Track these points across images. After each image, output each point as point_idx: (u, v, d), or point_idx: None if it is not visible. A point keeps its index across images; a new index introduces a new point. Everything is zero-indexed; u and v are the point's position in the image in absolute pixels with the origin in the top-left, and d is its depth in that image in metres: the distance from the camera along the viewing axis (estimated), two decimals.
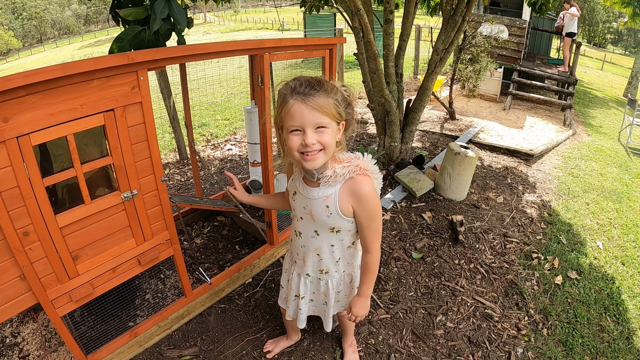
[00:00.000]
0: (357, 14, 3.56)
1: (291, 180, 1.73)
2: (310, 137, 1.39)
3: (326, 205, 1.57)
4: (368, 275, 1.71)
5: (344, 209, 1.57)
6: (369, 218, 1.58)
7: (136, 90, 1.77)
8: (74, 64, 1.53)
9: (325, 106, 1.36)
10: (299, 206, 1.68)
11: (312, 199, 1.60)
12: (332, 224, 1.63)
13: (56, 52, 42.82)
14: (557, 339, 2.62)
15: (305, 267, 1.85)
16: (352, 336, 2.40)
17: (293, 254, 1.91)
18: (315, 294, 1.95)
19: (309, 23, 14.29)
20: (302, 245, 1.79)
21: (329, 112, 1.38)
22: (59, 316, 1.85)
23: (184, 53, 1.92)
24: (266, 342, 2.44)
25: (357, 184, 1.52)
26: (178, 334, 2.49)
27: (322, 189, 1.56)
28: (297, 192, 1.68)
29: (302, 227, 1.74)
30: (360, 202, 1.54)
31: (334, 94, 1.40)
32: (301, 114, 1.36)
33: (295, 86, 1.39)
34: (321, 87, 1.38)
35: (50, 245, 1.70)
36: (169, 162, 5.16)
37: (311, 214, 1.64)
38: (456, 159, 3.97)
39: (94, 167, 1.77)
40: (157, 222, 2.07)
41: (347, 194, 1.55)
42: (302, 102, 1.36)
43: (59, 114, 1.57)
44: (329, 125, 1.40)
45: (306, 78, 1.41)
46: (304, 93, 1.36)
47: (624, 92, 14.61)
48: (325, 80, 1.43)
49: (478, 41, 7.33)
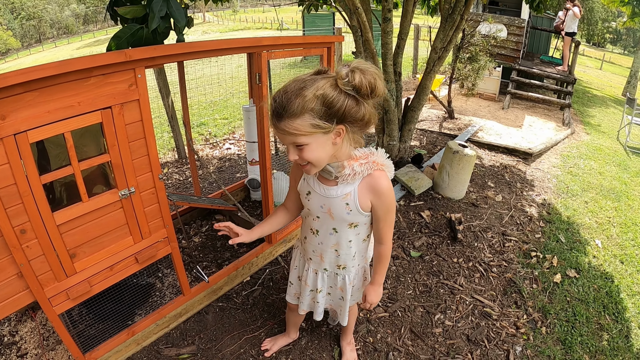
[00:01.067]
0: (355, 13, 3.56)
1: (302, 181, 1.70)
2: (291, 155, 1.39)
3: (346, 203, 1.57)
4: (382, 265, 1.77)
5: (364, 204, 1.57)
6: (387, 211, 1.60)
7: (133, 87, 1.76)
8: (71, 62, 1.53)
9: (295, 128, 1.29)
10: (316, 205, 1.66)
11: (331, 197, 1.58)
12: (351, 219, 1.64)
13: (55, 52, 42.80)
14: (556, 337, 2.62)
15: (322, 262, 1.85)
16: (351, 335, 2.40)
17: (307, 252, 1.89)
18: (333, 288, 1.95)
19: (308, 22, 14.28)
20: (319, 242, 1.79)
21: (302, 131, 1.30)
22: (57, 314, 1.84)
23: (181, 51, 1.91)
24: (264, 341, 2.44)
25: (376, 180, 1.52)
26: (176, 332, 2.49)
27: (340, 187, 1.55)
28: (311, 192, 1.65)
29: (319, 225, 1.73)
30: (379, 197, 1.55)
31: (312, 103, 1.27)
32: (278, 135, 1.37)
33: (273, 104, 1.32)
34: (293, 104, 1.27)
35: (47, 243, 1.70)
36: (167, 161, 5.15)
37: (330, 212, 1.63)
38: (455, 157, 3.97)
39: (92, 164, 1.76)
40: (155, 220, 2.07)
41: (366, 190, 1.54)
42: (274, 126, 1.34)
43: (56, 112, 1.56)
44: (309, 142, 1.34)
45: (287, 90, 1.31)
46: (275, 116, 1.31)
47: (622, 91, 14.61)
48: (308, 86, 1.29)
49: (477, 40, 7.33)
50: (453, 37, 4.08)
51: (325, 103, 1.28)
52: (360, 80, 1.28)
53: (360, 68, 1.29)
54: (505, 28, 8.81)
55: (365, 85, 1.29)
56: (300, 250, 1.99)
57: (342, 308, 2.01)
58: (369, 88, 1.29)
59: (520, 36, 8.87)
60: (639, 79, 14.05)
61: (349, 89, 1.29)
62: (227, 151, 5.54)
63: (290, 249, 3.26)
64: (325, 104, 1.28)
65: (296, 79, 1.34)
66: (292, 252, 2.12)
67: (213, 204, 3.06)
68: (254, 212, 3.68)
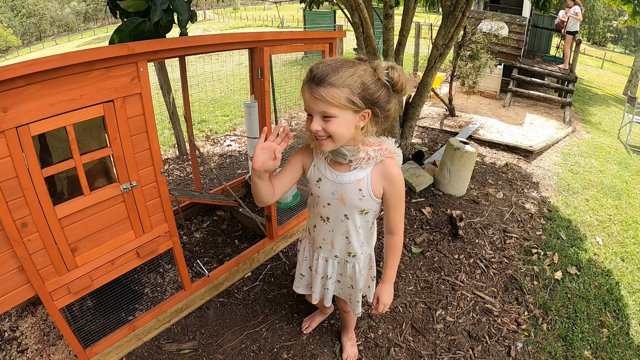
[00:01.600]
0: (357, 9, 3.55)
1: (313, 167, 1.68)
2: (314, 125, 1.40)
3: (359, 189, 1.58)
4: (394, 258, 1.75)
5: (376, 190, 1.59)
6: (398, 198, 1.62)
7: (136, 81, 1.76)
8: (73, 54, 1.52)
9: (332, 97, 1.34)
10: (327, 192, 1.66)
11: (344, 183, 1.60)
12: (363, 206, 1.64)
13: (55, 49, 42.76)
14: (556, 333, 2.62)
15: (333, 250, 1.85)
16: (352, 331, 2.40)
17: (317, 241, 1.88)
18: (342, 276, 1.95)
19: (309, 20, 14.25)
20: (330, 229, 1.79)
21: (336, 103, 1.34)
22: (58, 308, 1.84)
23: (183, 45, 1.91)
24: (304, 320, 2.52)
25: (388, 166, 1.55)
26: (177, 327, 2.49)
27: (353, 172, 1.57)
28: (322, 179, 1.65)
29: (329, 212, 1.73)
30: (392, 183, 1.57)
31: (353, 81, 1.35)
32: (308, 101, 1.39)
33: (313, 70, 1.37)
34: (336, 75, 1.34)
35: (48, 237, 1.70)
36: (168, 157, 5.15)
37: (342, 198, 1.63)
38: (456, 154, 3.97)
39: (93, 158, 1.76)
40: (156, 214, 2.06)
41: (379, 176, 1.57)
42: (310, 90, 1.37)
43: (58, 105, 1.56)
44: (338, 115, 1.37)
45: (329, 62, 1.38)
46: (315, 81, 1.35)
47: (623, 90, 14.59)
48: (350, 65, 1.38)
49: (478, 38, 7.32)
50: (454, 34, 4.07)
51: (364, 85, 1.36)
52: (398, 77, 1.40)
53: (396, 67, 1.42)
54: (507, 26, 8.79)
55: (400, 83, 1.42)
56: (309, 239, 1.98)
57: (352, 297, 2.00)
58: (402, 86, 1.42)
59: (521, 34, 8.85)
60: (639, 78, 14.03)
61: (387, 80, 1.40)
62: (227, 148, 5.53)
63: (291, 245, 3.26)
64: (364, 85, 1.36)
65: (336, 58, 1.41)
66: (299, 245, 2.12)
67: (214, 200, 3.06)
68: (256, 208, 3.67)
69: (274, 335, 2.47)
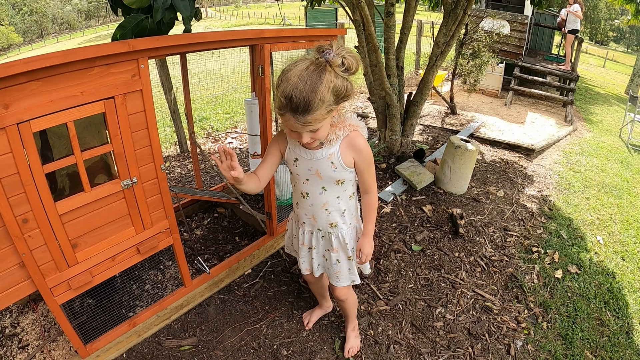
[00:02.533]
0: (358, 7, 3.55)
1: (289, 150, 1.85)
2: (305, 138, 1.58)
3: (331, 162, 1.76)
4: (371, 214, 1.93)
5: (347, 161, 1.77)
6: (368, 164, 1.82)
7: (136, 78, 1.77)
8: (74, 51, 1.53)
9: (318, 118, 1.49)
10: (304, 169, 1.82)
11: (317, 159, 1.77)
12: (338, 176, 1.81)
13: (57, 47, 42.77)
14: (556, 332, 2.62)
15: (316, 223, 1.98)
16: (354, 320, 2.43)
17: (300, 217, 2.02)
18: (329, 251, 2.04)
19: (311, 18, 14.23)
20: (310, 204, 1.93)
21: (320, 119, 1.51)
22: (58, 304, 1.85)
23: (184, 42, 1.91)
24: (303, 315, 2.58)
25: (353, 139, 1.75)
26: (177, 324, 2.49)
27: (325, 149, 1.75)
28: (299, 158, 1.81)
29: (309, 187, 1.88)
30: (359, 152, 1.77)
31: (327, 97, 1.47)
32: (294, 125, 1.52)
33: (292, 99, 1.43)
34: (315, 99, 1.44)
35: (49, 233, 1.70)
36: (169, 155, 5.15)
37: (317, 173, 1.80)
38: (457, 152, 3.97)
39: (94, 154, 1.77)
40: (157, 211, 2.07)
41: (346, 149, 1.76)
42: (296, 119, 1.48)
43: (60, 101, 1.57)
44: (322, 124, 1.55)
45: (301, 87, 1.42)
46: (299, 111, 1.45)
47: (625, 89, 14.58)
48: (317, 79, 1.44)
49: (479, 36, 7.31)
50: (456, 32, 4.07)
51: (335, 92, 1.49)
52: (350, 62, 1.50)
53: (345, 50, 1.51)
54: (508, 24, 8.77)
55: (353, 65, 1.52)
56: (294, 218, 2.13)
57: (339, 273, 2.08)
58: (355, 68, 1.53)
59: (523, 33, 8.84)
60: None
61: (345, 74, 1.51)
62: (229, 145, 5.54)
63: None
64: (335, 93, 1.49)
65: (300, 76, 1.45)
66: (287, 225, 2.27)
67: (215, 197, 3.07)
68: (256, 205, 3.68)
69: (273, 332, 2.47)
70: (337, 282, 2.11)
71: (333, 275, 2.10)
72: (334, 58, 1.47)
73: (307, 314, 2.58)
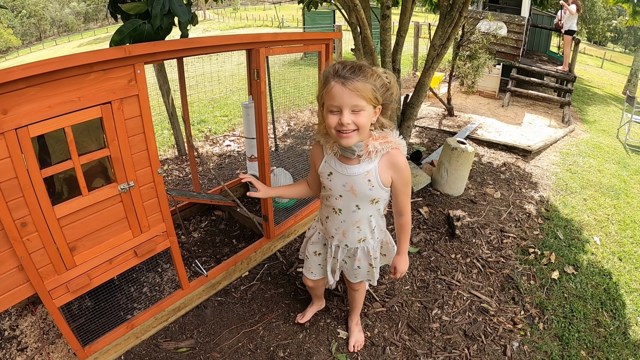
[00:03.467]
0: (354, 10, 3.56)
1: (324, 163, 1.83)
2: (346, 117, 1.53)
3: (368, 180, 1.73)
4: (405, 235, 1.95)
5: (385, 180, 1.74)
6: (405, 184, 1.79)
7: (133, 83, 1.78)
8: (72, 57, 1.55)
9: (363, 90, 1.50)
10: (338, 185, 1.80)
11: (353, 175, 1.74)
12: (374, 195, 1.78)
13: (55, 49, 42.80)
14: (553, 333, 2.63)
15: (345, 239, 1.98)
16: (358, 314, 2.48)
17: (329, 231, 2.01)
18: (351, 259, 2.08)
19: (308, 20, 14.27)
20: (342, 220, 1.92)
21: (366, 96, 1.51)
22: (57, 307, 1.87)
23: (180, 47, 1.93)
24: (296, 317, 2.59)
25: (394, 157, 1.71)
26: (175, 326, 2.51)
27: (362, 165, 1.72)
28: (333, 172, 1.80)
29: (342, 204, 1.86)
30: (399, 172, 1.73)
31: (373, 80, 1.53)
32: (340, 95, 1.51)
33: (338, 69, 1.52)
34: (362, 72, 1.50)
35: (48, 236, 1.72)
36: (167, 158, 5.17)
37: (352, 190, 1.77)
38: (453, 154, 3.99)
39: (92, 158, 1.78)
40: (154, 214, 2.09)
41: (386, 167, 1.72)
42: (342, 84, 1.49)
43: (57, 106, 1.59)
44: (365, 108, 1.54)
45: (350, 62, 1.54)
46: (345, 77, 1.49)
47: (623, 89, 14.59)
48: (367, 66, 1.54)
49: (476, 38, 7.33)
50: (452, 34, 4.08)
51: (383, 84, 1.56)
52: (391, 82, 1.60)
53: (389, 72, 1.63)
54: (505, 26, 8.79)
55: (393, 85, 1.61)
56: (321, 230, 2.12)
57: (357, 274, 2.13)
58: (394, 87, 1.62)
59: (520, 34, 8.86)
60: (639, 77, 14.03)
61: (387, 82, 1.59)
62: (226, 148, 5.55)
63: (288, 244, 3.27)
64: (382, 84, 1.56)
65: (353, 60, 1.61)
66: (307, 232, 2.26)
67: (212, 200, 3.08)
68: (253, 208, 3.70)
69: (270, 333, 2.49)
70: (354, 279, 2.17)
71: (351, 274, 2.16)
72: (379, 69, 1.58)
73: (301, 315, 2.59)
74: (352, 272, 2.13)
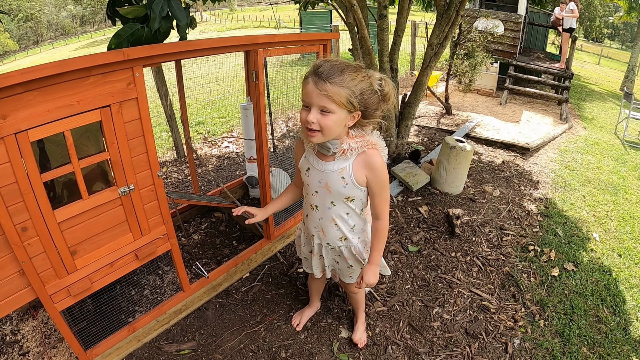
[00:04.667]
0: (351, 10, 3.57)
1: (303, 158, 1.85)
2: (311, 116, 1.53)
3: (342, 177, 1.72)
4: (379, 241, 1.85)
5: (359, 179, 1.72)
6: (381, 187, 1.74)
7: (132, 86, 1.79)
8: (70, 61, 1.55)
9: (334, 94, 1.47)
10: (314, 180, 1.81)
11: (328, 172, 1.74)
12: (348, 193, 1.77)
13: (52, 53, 42.72)
14: (554, 330, 2.64)
15: (325, 237, 1.97)
16: (363, 314, 2.48)
17: (310, 229, 2.02)
18: (340, 257, 2.05)
19: (305, 20, 14.25)
20: (319, 217, 1.92)
21: (337, 100, 1.48)
22: (58, 311, 1.87)
23: (178, 49, 1.93)
24: (292, 317, 2.58)
25: (370, 156, 1.69)
26: (176, 328, 2.51)
27: (337, 162, 1.71)
28: (310, 168, 1.80)
29: (318, 200, 1.87)
30: (374, 172, 1.70)
31: (354, 84, 1.50)
32: (311, 93, 1.51)
33: (319, 66, 1.50)
34: (341, 74, 1.48)
35: (48, 241, 1.72)
36: (166, 160, 5.17)
37: (327, 186, 1.77)
38: (452, 152, 3.99)
39: (91, 162, 1.78)
40: (154, 217, 2.09)
41: (360, 166, 1.70)
42: (314, 83, 1.49)
43: (56, 111, 1.59)
44: (335, 112, 1.51)
45: (335, 62, 1.51)
46: (320, 76, 1.48)
47: (620, 85, 14.63)
48: (354, 69, 1.53)
49: (473, 36, 7.34)
50: (449, 33, 4.09)
51: (362, 90, 1.53)
52: (387, 89, 1.59)
53: (387, 79, 1.60)
54: (502, 24, 8.80)
55: (389, 94, 1.61)
56: (303, 229, 2.13)
57: (352, 273, 2.12)
58: (389, 96, 1.61)
59: (517, 32, 8.86)
60: (636, 73, 14.06)
61: (379, 89, 1.57)
62: (225, 149, 5.56)
63: (288, 245, 3.28)
64: (362, 90, 1.53)
65: (340, 60, 1.55)
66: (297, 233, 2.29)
67: (212, 202, 3.08)
68: None
69: (272, 334, 2.49)
70: (350, 280, 2.16)
71: (346, 275, 2.15)
72: (374, 74, 1.57)
73: (297, 315, 2.59)
74: (346, 272, 2.11)
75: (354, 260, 2.02)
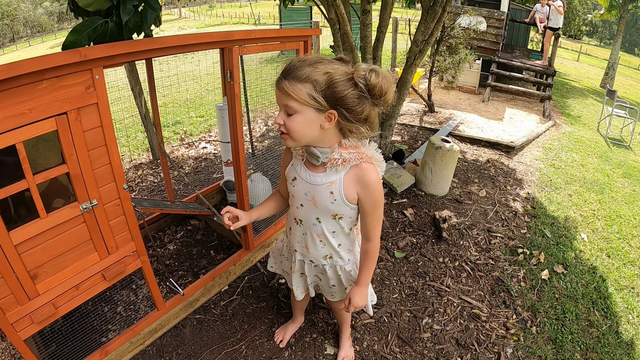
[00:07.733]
0: (333, 5, 3.43)
1: (290, 166, 1.65)
2: (278, 118, 1.39)
3: (330, 192, 1.52)
4: (368, 263, 1.69)
5: (349, 195, 1.52)
6: (374, 206, 1.54)
7: (91, 90, 1.61)
8: (20, 64, 1.37)
9: (293, 91, 1.31)
10: (300, 192, 1.61)
11: (316, 184, 1.54)
12: (336, 210, 1.58)
13: (29, 50, 41.69)
14: (546, 336, 2.56)
15: (309, 254, 1.79)
16: (349, 328, 2.35)
17: (293, 243, 1.83)
18: (324, 275, 1.88)
19: (285, 17, 14.11)
20: (303, 232, 1.73)
21: (297, 97, 1.31)
22: (22, 339, 1.69)
23: (143, 48, 1.75)
24: (275, 333, 2.44)
25: (364, 171, 1.48)
26: (152, 349, 2.34)
27: (327, 174, 1.51)
28: (297, 178, 1.61)
29: (303, 214, 1.67)
30: (367, 189, 1.50)
31: (318, 76, 1.31)
32: (275, 94, 1.38)
33: (287, 63, 1.36)
34: (302, 69, 1.31)
35: (5, 265, 1.54)
36: (142, 162, 4.96)
37: (314, 200, 1.58)
38: (437, 153, 3.89)
39: (48, 177, 1.60)
40: (122, 234, 1.91)
41: (352, 181, 1.50)
42: (277, 83, 1.36)
43: (6, 121, 1.40)
44: (299, 111, 1.34)
45: (305, 59, 1.35)
46: (282, 73, 1.35)
47: (600, 82, 14.80)
48: (326, 63, 1.35)
49: (457, 33, 7.27)
50: (435, 29, 3.98)
51: (331, 82, 1.31)
52: (376, 81, 1.31)
53: (380, 72, 1.33)
54: (485, 20, 8.77)
55: (379, 87, 1.32)
56: (286, 242, 1.96)
57: (334, 292, 1.95)
58: (381, 90, 1.33)
59: (499, 28, 8.85)
60: (616, 70, 14.21)
61: (362, 82, 1.31)
62: (203, 150, 5.37)
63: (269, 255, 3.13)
64: (330, 82, 1.31)
65: (318, 56, 1.39)
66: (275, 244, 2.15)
67: (187, 209, 2.91)
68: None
69: (254, 352, 2.34)
70: (332, 298, 2.00)
71: (328, 294, 1.99)
72: (361, 65, 1.35)
73: (279, 330, 2.45)
74: (329, 290, 1.95)
75: (337, 281, 1.86)
